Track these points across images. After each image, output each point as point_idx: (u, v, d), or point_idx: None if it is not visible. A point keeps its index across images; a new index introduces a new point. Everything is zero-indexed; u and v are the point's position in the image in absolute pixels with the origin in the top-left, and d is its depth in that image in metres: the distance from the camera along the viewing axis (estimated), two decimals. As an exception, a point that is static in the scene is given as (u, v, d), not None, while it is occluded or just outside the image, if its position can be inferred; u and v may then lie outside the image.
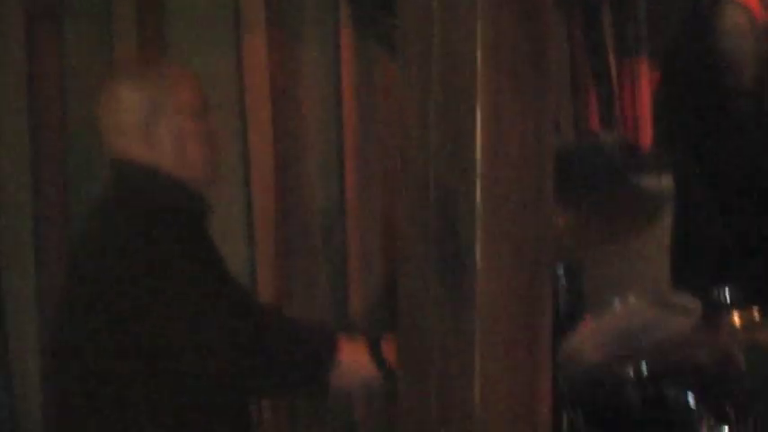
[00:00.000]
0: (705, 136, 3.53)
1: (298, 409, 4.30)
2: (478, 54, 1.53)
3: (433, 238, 1.62)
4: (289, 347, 2.81)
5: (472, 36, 1.53)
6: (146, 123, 2.86)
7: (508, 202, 1.60)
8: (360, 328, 3.90)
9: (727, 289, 3.08)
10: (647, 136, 5.16)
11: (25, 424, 3.82)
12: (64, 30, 3.82)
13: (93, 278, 2.77)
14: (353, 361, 2.81)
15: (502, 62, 1.56)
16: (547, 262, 1.69)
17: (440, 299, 1.63)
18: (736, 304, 3.02)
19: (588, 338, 3.08)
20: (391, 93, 4.33)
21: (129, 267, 2.72)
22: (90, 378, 2.78)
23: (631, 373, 2.95)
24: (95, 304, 2.74)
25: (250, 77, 4.13)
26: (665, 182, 4.41)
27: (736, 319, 2.87)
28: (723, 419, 2.92)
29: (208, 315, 2.73)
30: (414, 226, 1.64)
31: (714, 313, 2.92)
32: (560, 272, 3.57)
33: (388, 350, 2.80)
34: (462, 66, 1.56)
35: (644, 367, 2.95)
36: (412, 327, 1.70)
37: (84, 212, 2.96)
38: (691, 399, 2.94)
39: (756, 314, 2.99)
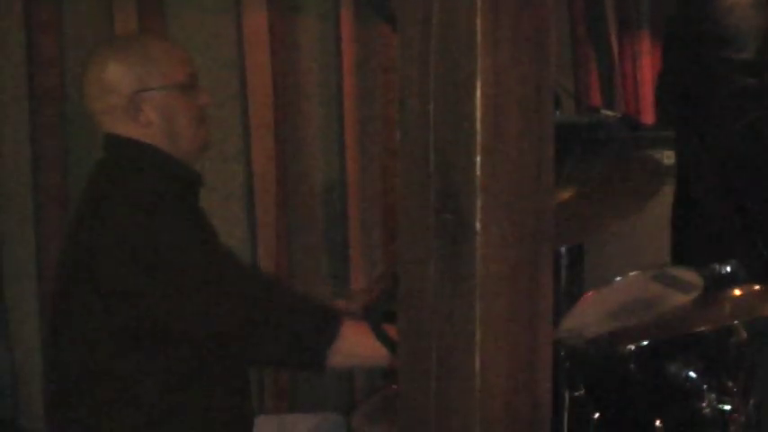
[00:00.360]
0: (707, 111, 3.52)
1: (298, 380, 4.31)
2: (478, 26, 1.52)
3: (432, 211, 1.61)
4: (291, 318, 2.81)
5: (472, 7, 1.52)
6: (131, 100, 2.86)
7: (508, 175, 1.59)
8: (362, 305, 3.90)
9: (728, 264, 3.08)
10: (648, 111, 5.15)
11: (26, 389, 3.84)
12: (63, 6, 3.81)
13: (89, 251, 2.77)
14: (356, 337, 2.81)
15: (502, 34, 1.55)
16: (548, 236, 1.69)
17: (439, 272, 1.62)
18: (737, 279, 3.02)
19: (589, 313, 3.08)
20: (391, 69, 4.32)
21: (124, 240, 2.72)
22: (89, 346, 2.78)
23: (632, 348, 2.95)
24: (91, 277, 2.74)
25: (251, 54, 4.13)
26: (666, 158, 4.41)
27: (738, 293, 2.86)
28: (725, 395, 2.93)
29: (205, 281, 2.73)
30: (413, 198, 1.63)
31: (716, 288, 2.92)
32: (562, 248, 3.58)
33: (390, 330, 2.80)
34: (462, 37, 1.55)
35: (645, 342, 2.96)
36: (412, 300, 1.69)
37: (84, 185, 2.96)
38: (693, 374, 2.94)
39: (758, 289, 2.99)
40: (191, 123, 2.92)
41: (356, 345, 2.80)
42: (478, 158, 1.54)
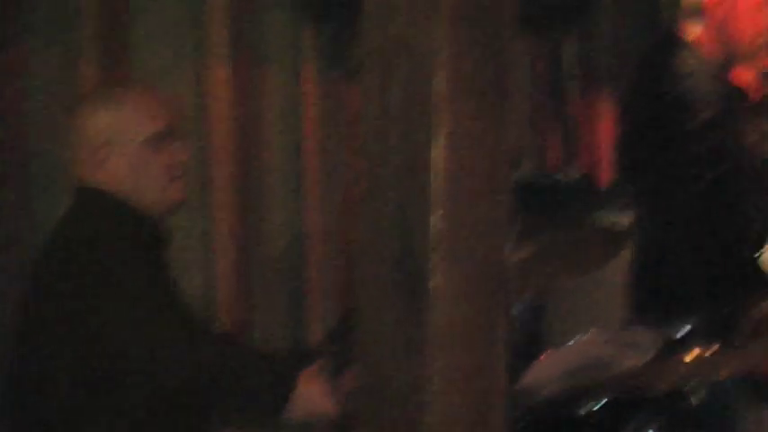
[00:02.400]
0: (666, 173, 3.56)
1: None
2: (439, 84, 1.54)
3: (390, 263, 1.62)
4: (246, 375, 2.80)
5: (433, 65, 1.54)
6: (102, 151, 2.86)
7: (465, 232, 1.60)
8: (319, 353, 3.89)
9: (686, 325, 3.10)
10: (607, 173, 5.19)
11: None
12: (28, 54, 3.81)
13: (51, 298, 2.76)
14: (312, 392, 2.79)
15: (462, 92, 1.57)
16: (504, 290, 1.70)
17: (396, 326, 1.63)
18: (695, 340, 3.03)
19: (547, 371, 3.09)
20: (353, 121, 4.34)
21: (86, 292, 2.71)
22: (46, 393, 2.76)
23: (590, 408, 2.95)
24: (52, 324, 2.73)
25: (213, 104, 4.13)
26: (624, 219, 4.44)
27: (696, 354, 2.87)
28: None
29: (161, 340, 2.71)
30: (371, 253, 1.64)
31: (673, 349, 2.93)
32: (521, 305, 3.59)
33: (348, 380, 2.79)
34: (423, 94, 1.57)
35: (602, 402, 2.96)
36: (369, 352, 1.69)
37: (47, 233, 2.95)
38: (648, 434, 2.94)
39: (716, 350, 3.01)
40: (160, 178, 2.90)
41: (312, 398, 2.79)
42: (436, 215, 1.55)
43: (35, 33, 3.82)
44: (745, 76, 3.87)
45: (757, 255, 3.62)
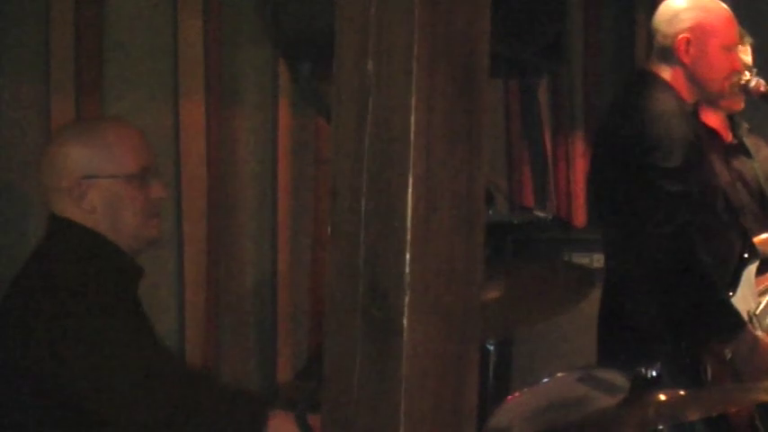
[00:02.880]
0: (635, 215, 3.57)
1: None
2: (412, 124, 1.54)
3: (360, 306, 1.62)
4: (218, 411, 2.79)
5: (406, 106, 1.54)
6: (78, 184, 2.85)
7: (437, 273, 1.60)
8: (288, 396, 3.87)
9: (654, 367, 3.10)
10: (580, 213, 5.20)
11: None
12: (1, 88, 3.80)
13: (22, 331, 2.74)
14: (282, 428, 2.78)
15: (434, 135, 1.57)
16: (475, 332, 1.69)
17: (365, 367, 1.62)
18: (662, 382, 3.04)
19: (515, 412, 3.09)
20: (327, 160, 4.34)
21: (57, 325, 2.69)
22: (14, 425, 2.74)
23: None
24: (23, 357, 2.71)
25: (186, 141, 4.12)
26: (596, 261, 4.45)
27: (663, 397, 2.88)
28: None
29: (133, 376, 2.70)
30: (342, 293, 1.63)
31: (641, 391, 2.93)
32: (491, 345, 3.59)
33: (315, 422, 2.78)
34: (396, 135, 1.57)
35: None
36: (337, 393, 1.69)
37: (21, 263, 2.93)
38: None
39: (682, 393, 3.01)
40: (137, 215, 2.90)
41: None
42: (408, 255, 1.55)
43: (7, 69, 3.81)
44: (715, 118, 3.91)
45: (731, 294, 3.64)
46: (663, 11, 3.79)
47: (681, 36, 3.71)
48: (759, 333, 3.60)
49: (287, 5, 2.48)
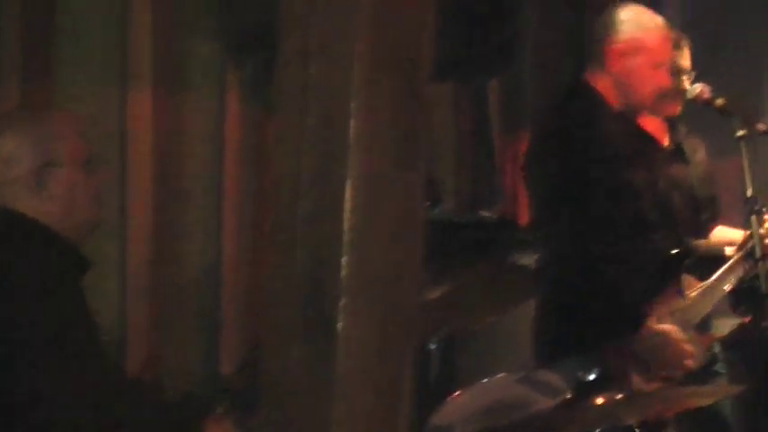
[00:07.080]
0: (567, 215, 3.63)
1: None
2: (352, 125, 1.54)
3: (300, 304, 1.61)
4: (151, 420, 2.77)
5: (347, 107, 1.54)
6: (36, 173, 2.80)
7: (374, 274, 1.60)
8: (230, 391, 3.85)
9: (593, 371, 3.13)
10: (526, 213, 5.22)
11: None
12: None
13: None
14: None
15: (376, 136, 1.57)
16: (413, 333, 1.70)
17: (301, 367, 1.62)
18: (601, 385, 3.06)
19: (456, 412, 3.10)
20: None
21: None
22: None
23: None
24: None
25: (133, 128, 4.10)
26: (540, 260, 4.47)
27: (601, 399, 2.89)
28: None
29: (71, 375, 2.67)
30: (279, 292, 1.63)
31: (579, 393, 2.95)
32: (433, 345, 3.59)
33: (255, 418, 2.77)
34: (337, 137, 1.57)
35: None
36: (273, 392, 1.69)
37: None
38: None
39: (621, 397, 3.03)
40: (91, 201, 2.88)
41: None
42: (345, 257, 1.55)
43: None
44: (653, 122, 3.95)
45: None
46: (604, 18, 3.84)
47: (614, 45, 3.75)
48: (667, 327, 3.58)
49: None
